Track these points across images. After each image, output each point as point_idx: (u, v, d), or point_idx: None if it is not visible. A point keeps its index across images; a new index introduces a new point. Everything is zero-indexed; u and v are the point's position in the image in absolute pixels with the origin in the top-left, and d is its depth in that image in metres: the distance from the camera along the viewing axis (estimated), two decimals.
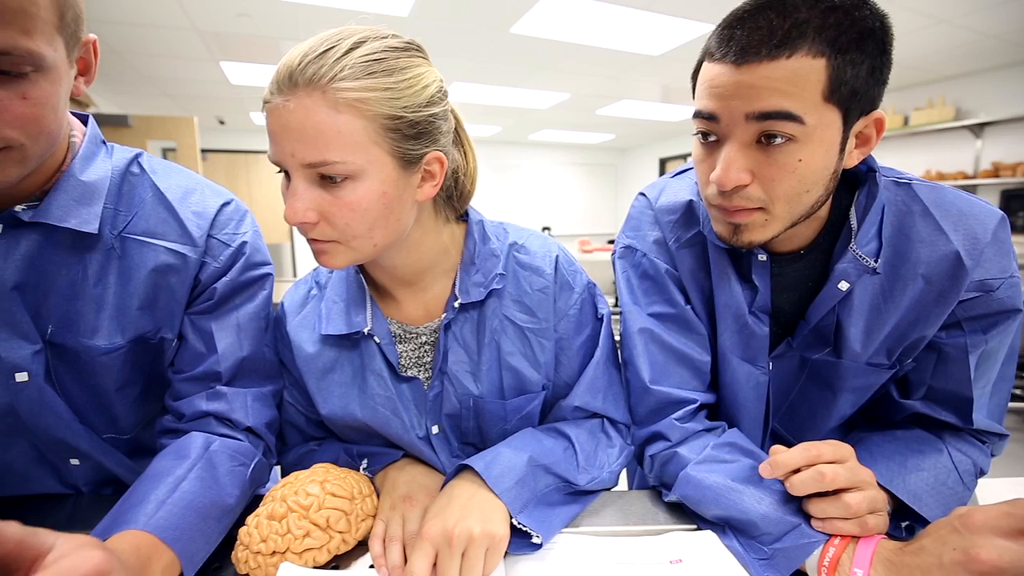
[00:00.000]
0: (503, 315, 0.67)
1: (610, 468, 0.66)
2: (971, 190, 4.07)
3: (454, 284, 0.67)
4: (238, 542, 0.54)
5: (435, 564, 0.50)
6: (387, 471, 0.67)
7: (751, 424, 0.71)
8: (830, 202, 0.62)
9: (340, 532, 0.55)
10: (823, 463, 0.51)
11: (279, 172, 0.55)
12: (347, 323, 0.66)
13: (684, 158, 7.65)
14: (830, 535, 0.51)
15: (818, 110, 0.50)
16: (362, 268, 0.69)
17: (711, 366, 0.71)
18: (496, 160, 8.17)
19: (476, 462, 0.58)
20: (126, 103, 5.15)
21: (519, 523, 0.54)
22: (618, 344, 0.75)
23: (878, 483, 0.54)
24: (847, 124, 0.52)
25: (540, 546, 0.55)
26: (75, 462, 0.65)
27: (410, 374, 0.67)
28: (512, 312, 0.67)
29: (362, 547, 0.58)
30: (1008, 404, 0.66)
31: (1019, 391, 2.79)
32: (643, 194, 0.77)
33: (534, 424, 0.70)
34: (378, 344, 0.66)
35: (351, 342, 0.67)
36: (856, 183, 0.64)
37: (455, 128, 0.64)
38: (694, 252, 0.70)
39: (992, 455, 0.65)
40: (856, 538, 0.50)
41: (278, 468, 0.77)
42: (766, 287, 0.65)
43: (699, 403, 0.69)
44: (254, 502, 0.60)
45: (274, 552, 0.52)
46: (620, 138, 7.83)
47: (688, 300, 0.71)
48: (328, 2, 2.80)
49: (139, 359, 0.63)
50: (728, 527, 0.57)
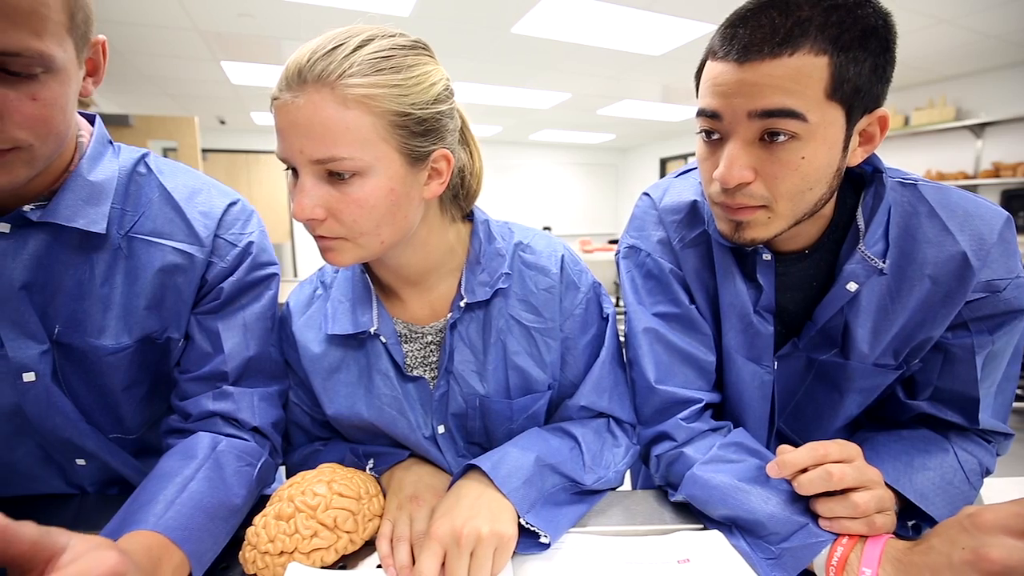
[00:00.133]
0: (509, 315, 0.67)
1: (616, 468, 0.66)
2: (972, 190, 4.05)
3: (460, 284, 0.67)
4: (246, 542, 0.54)
5: (443, 564, 0.50)
6: (393, 471, 0.67)
7: (756, 424, 0.71)
8: (834, 201, 0.63)
9: (347, 532, 0.55)
10: (830, 462, 0.51)
11: (287, 169, 0.55)
12: (353, 323, 0.66)
13: (685, 158, 7.65)
14: (838, 534, 0.51)
15: (821, 108, 0.50)
16: (368, 268, 0.69)
17: (716, 366, 0.71)
18: (497, 160, 8.16)
19: (483, 462, 0.58)
20: (127, 103, 5.15)
21: (527, 523, 0.54)
22: (622, 344, 0.76)
23: (884, 482, 0.54)
24: (850, 122, 0.53)
25: (548, 546, 0.55)
26: (81, 462, 0.65)
27: (416, 374, 0.67)
28: (518, 312, 0.67)
29: (369, 547, 0.58)
30: (1013, 404, 0.66)
31: (1022, 391, 2.79)
32: (647, 194, 0.77)
33: (540, 424, 0.70)
34: (384, 344, 0.66)
35: (357, 342, 0.67)
36: (861, 183, 0.64)
37: (461, 128, 0.64)
38: (698, 252, 0.70)
39: (997, 454, 0.65)
40: (864, 537, 0.50)
41: (283, 468, 0.77)
42: (770, 286, 0.65)
43: (704, 403, 0.69)
44: (260, 502, 0.60)
45: (282, 552, 0.52)
46: (621, 138, 7.83)
47: (692, 300, 0.71)
48: (329, 2, 2.80)
49: (145, 359, 0.63)
50: (735, 527, 0.57)
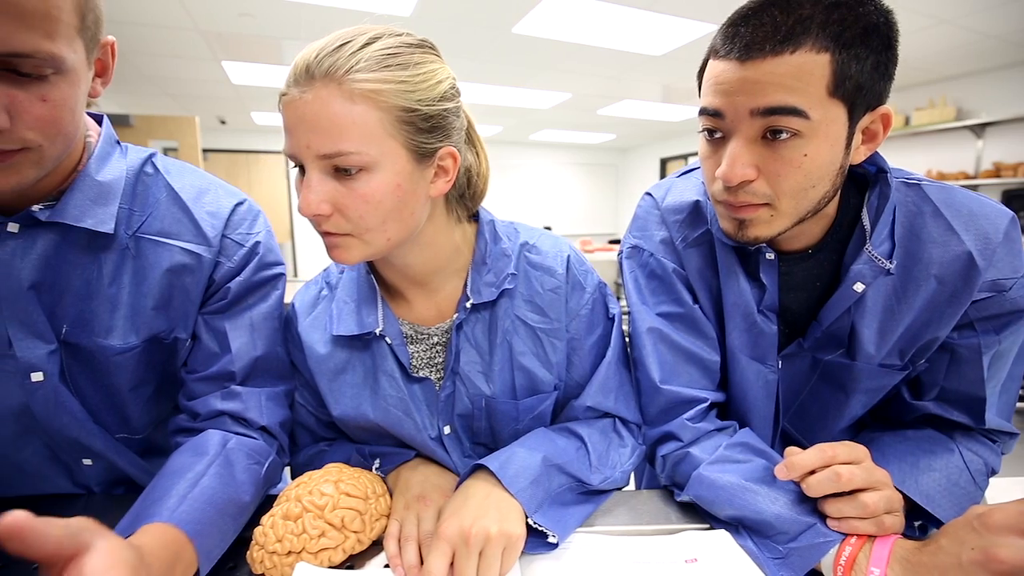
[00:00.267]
0: (515, 315, 0.67)
1: (622, 468, 0.66)
2: (972, 190, 4.07)
3: (465, 284, 0.67)
4: (253, 542, 0.54)
5: (452, 563, 0.50)
6: (400, 471, 0.67)
7: (761, 423, 0.71)
8: (838, 200, 0.62)
9: (355, 532, 0.55)
10: (839, 464, 0.51)
11: (294, 167, 0.55)
12: (359, 324, 0.66)
13: (685, 158, 7.65)
14: (846, 534, 0.51)
15: (823, 105, 0.50)
16: (373, 269, 0.69)
17: (720, 365, 0.71)
18: (497, 160, 8.03)
19: (491, 462, 0.58)
20: (128, 103, 5.15)
21: (535, 523, 0.54)
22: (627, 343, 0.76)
23: None
24: (852, 119, 0.53)
25: (556, 546, 0.55)
26: (88, 462, 0.65)
27: (422, 375, 0.67)
28: (524, 312, 0.67)
29: (376, 547, 0.58)
30: (1016, 403, 0.66)
31: None
32: (649, 194, 0.77)
33: (546, 424, 0.70)
34: (390, 345, 0.66)
35: (363, 343, 0.67)
36: (864, 183, 0.64)
37: (467, 129, 0.65)
38: (701, 251, 0.70)
39: (1002, 453, 0.65)
40: (872, 537, 0.50)
41: (287, 469, 0.77)
42: (774, 285, 0.65)
43: (710, 402, 0.69)
44: (267, 502, 0.60)
45: (290, 552, 0.52)
46: (621, 138, 7.83)
47: (696, 299, 0.71)
48: (330, 2, 2.80)
49: (153, 359, 0.63)
50: (742, 527, 0.57)
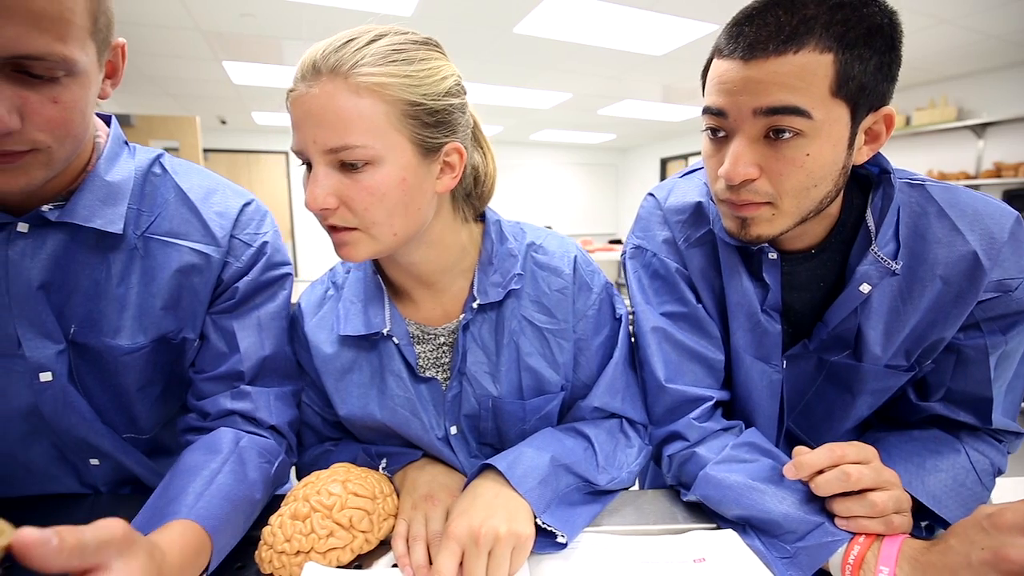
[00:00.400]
0: (521, 316, 0.67)
1: (629, 468, 0.66)
2: (973, 190, 4.07)
3: (472, 284, 0.67)
4: (262, 542, 0.54)
5: (461, 563, 0.50)
6: (407, 471, 0.67)
7: (766, 423, 0.71)
8: (841, 201, 0.63)
9: (363, 532, 0.55)
10: (848, 463, 0.52)
11: (301, 165, 0.56)
12: (365, 324, 0.66)
13: (685, 158, 7.65)
14: (854, 533, 0.51)
15: (826, 105, 0.51)
16: (379, 269, 0.69)
17: (725, 365, 0.71)
18: (498, 160, 7.82)
19: (499, 462, 0.58)
20: (128, 103, 5.14)
21: (543, 523, 0.54)
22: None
23: None
24: (855, 119, 0.53)
25: (564, 545, 0.55)
26: (95, 462, 0.65)
27: (428, 375, 0.67)
28: (530, 312, 0.67)
29: (384, 546, 0.58)
30: (1022, 403, 0.66)
31: None
32: (652, 194, 0.77)
33: (553, 424, 0.70)
34: (396, 345, 0.66)
35: (369, 343, 0.67)
36: (867, 184, 0.64)
37: (473, 128, 0.65)
38: (704, 251, 0.70)
39: (1008, 453, 0.65)
40: (880, 537, 0.51)
41: (293, 469, 0.77)
42: (776, 285, 0.65)
43: (715, 400, 0.69)
44: (274, 502, 0.60)
45: (298, 552, 0.52)
46: (621, 138, 7.83)
47: (699, 299, 0.71)
48: (331, 2, 2.80)
49: (161, 359, 0.63)
50: (749, 526, 0.57)
